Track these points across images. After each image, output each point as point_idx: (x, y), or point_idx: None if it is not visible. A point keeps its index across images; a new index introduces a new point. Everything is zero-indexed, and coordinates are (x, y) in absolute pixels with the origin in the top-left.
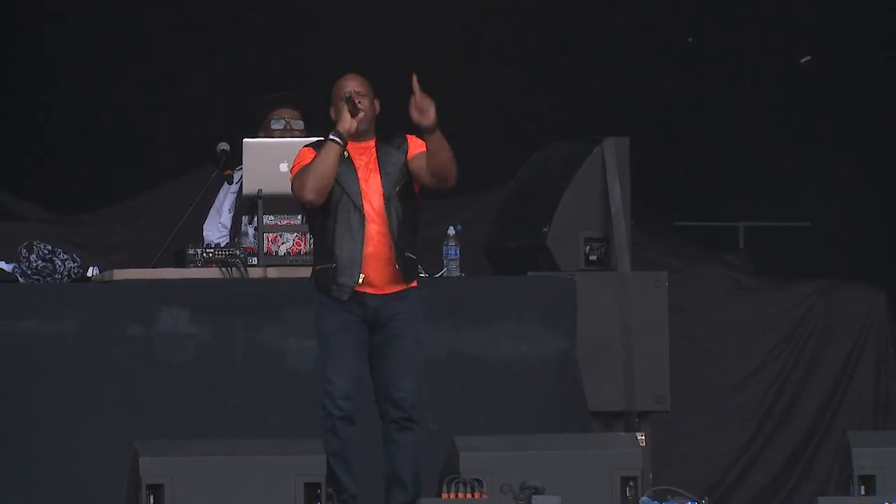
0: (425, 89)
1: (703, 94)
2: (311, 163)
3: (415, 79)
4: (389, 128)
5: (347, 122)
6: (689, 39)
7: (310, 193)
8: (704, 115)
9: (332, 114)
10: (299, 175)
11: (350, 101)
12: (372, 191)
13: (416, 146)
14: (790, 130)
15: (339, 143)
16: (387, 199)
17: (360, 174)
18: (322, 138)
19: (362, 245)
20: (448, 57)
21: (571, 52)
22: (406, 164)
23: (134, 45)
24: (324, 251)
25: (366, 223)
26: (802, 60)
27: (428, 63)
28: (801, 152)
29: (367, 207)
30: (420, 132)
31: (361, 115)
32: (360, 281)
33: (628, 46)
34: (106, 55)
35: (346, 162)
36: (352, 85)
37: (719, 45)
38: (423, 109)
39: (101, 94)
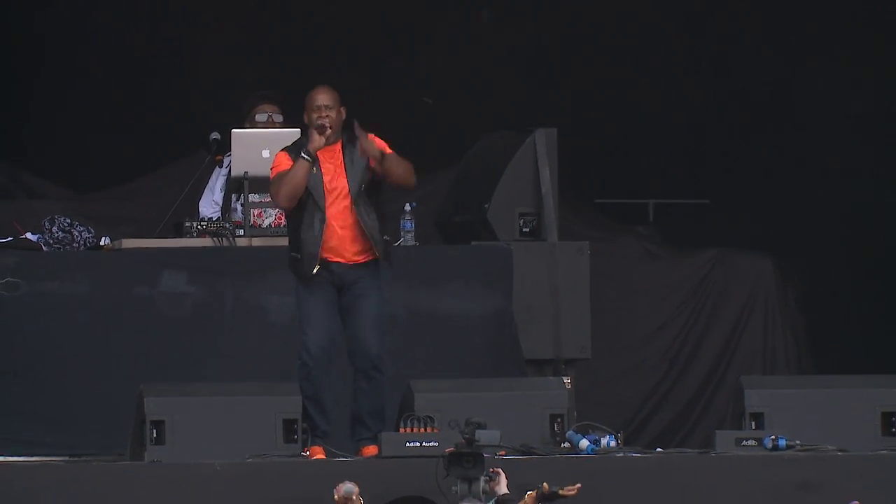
0: (363, 126)
1: (621, 87)
2: (285, 174)
3: (356, 125)
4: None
5: (316, 143)
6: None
7: (283, 202)
8: (621, 108)
9: (306, 118)
10: (275, 182)
11: (321, 127)
12: (338, 190)
13: (378, 153)
14: (694, 119)
15: (308, 161)
16: (354, 196)
17: (325, 178)
18: (297, 129)
19: (321, 241)
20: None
21: (510, 54)
22: (369, 164)
23: (137, 48)
24: (292, 242)
25: (326, 221)
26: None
27: (384, 64)
28: (703, 138)
29: (330, 206)
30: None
31: (329, 132)
32: (315, 272)
33: (552, 48)
34: (114, 55)
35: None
36: (321, 99)
37: (627, 41)
38: (366, 149)
39: (111, 93)
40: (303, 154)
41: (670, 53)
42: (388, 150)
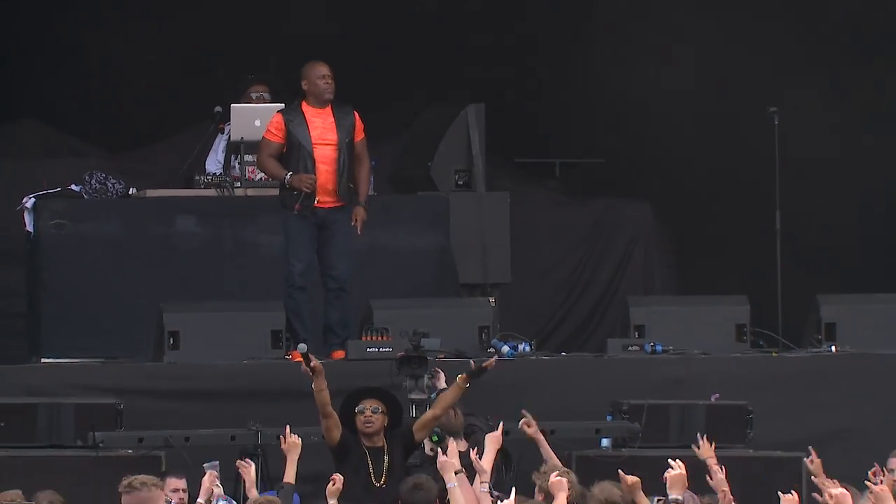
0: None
1: (535, 67)
2: (266, 164)
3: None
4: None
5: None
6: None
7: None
8: (536, 85)
9: (305, 85)
10: (260, 160)
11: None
12: (326, 143)
13: (360, 130)
14: (592, 93)
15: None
16: (339, 149)
17: (314, 134)
18: (282, 104)
19: (314, 182)
20: (368, 48)
21: (451, 39)
22: (353, 132)
23: (155, 38)
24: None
25: (315, 165)
26: None
27: (355, 53)
28: (597, 108)
29: (318, 156)
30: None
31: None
32: (307, 201)
33: (484, 33)
34: (134, 48)
35: (302, 125)
36: (325, 69)
37: (547, 27)
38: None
39: (140, 71)
40: (286, 180)
41: (565, 34)
42: (363, 133)
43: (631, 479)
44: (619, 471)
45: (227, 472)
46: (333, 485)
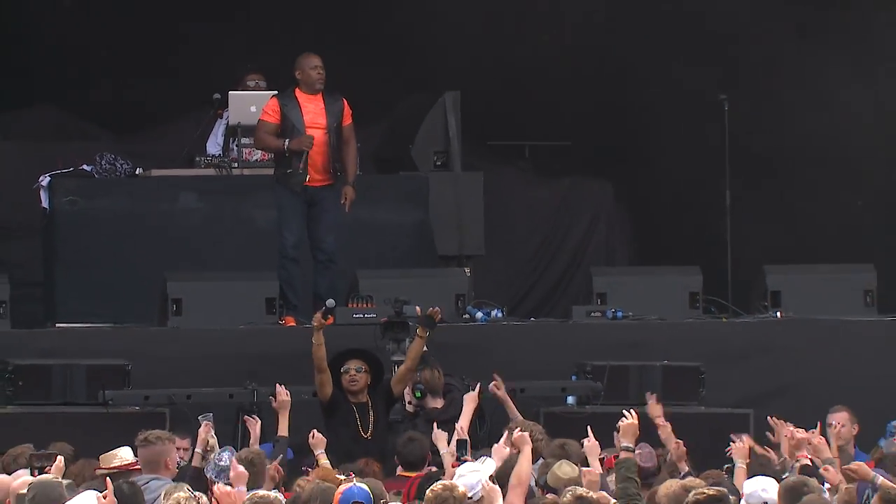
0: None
1: (508, 57)
2: (265, 140)
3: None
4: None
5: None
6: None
7: (258, 147)
8: (512, 74)
9: (299, 74)
10: (258, 138)
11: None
12: (317, 126)
13: (348, 115)
14: (559, 83)
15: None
16: (328, 132)
17: (306, 118)
18: (276, 91)
19: (306, 161)
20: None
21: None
22: (342, 117)
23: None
24: (283, 163)
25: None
26: None
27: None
28: (564, 96)
29: (312, 136)
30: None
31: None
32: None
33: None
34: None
35: (295, 109)
36: (317, 61)
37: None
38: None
39: (145, 61)
40: (285, 147)
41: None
42: (350, 118)
43: (589, 444)
44: (588, 427)
45: (224, 428)
46: (313, 437)
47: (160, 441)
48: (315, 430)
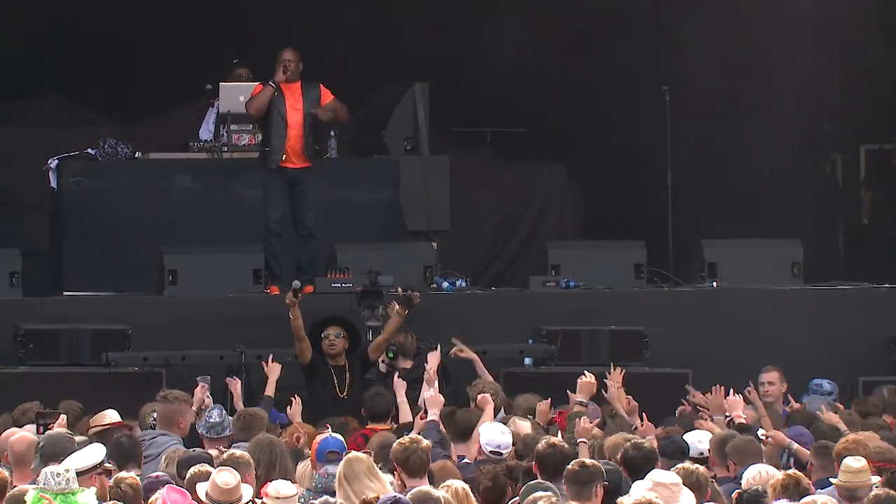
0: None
1: (476, 54)
2: (256, 98)
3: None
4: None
5: (278, 77)
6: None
7: (252, 112)
8: (475, 68)
9: (278, 66)
10: (251, 100)
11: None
12: (296, 111)
13: (325, 96)
14: (518, 75)
15: (272, 88)
16: (305, 116)
17: (288, 103)
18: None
19: (284, 142)
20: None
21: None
22: (318, 102)
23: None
24: (264, 143)
25: (287, 130)
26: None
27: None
28: (524, 89)
29: (290, 121)
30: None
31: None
32: (284, 159)
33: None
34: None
35: (278, 97)
36: (288, 54)
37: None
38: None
39: (146, 53)
40: (270, 83)
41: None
42: (330, 97)
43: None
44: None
45: (217, 387)
46: (292, 407)
47: (177, 401)
48: (295, 397)
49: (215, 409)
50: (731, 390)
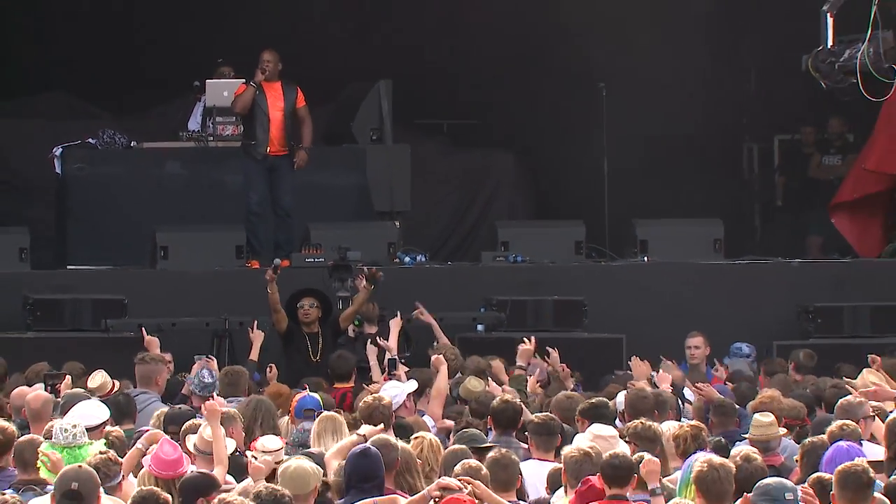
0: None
1: (435, 54)
2: (240, 98)
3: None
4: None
5: (258, 76)
6: None
7: (238, 110)
8: (433, 66)
9: (258, 70)
10: (235, 101)
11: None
12: (277, 108)
13: (301, 99)
14: (472, 72)
15: (254, 87)
16: (284, 113)
17: (269, 101)
18: (243, 80)
19: (268, 135)
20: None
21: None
22: (296, 103)
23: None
24: (248, 136)
25: (269, 124)
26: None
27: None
28: (477, 85)
29: (272, 117)
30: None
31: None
32: (268, 150)
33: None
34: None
35: (260, 93)
36: (267, 55)
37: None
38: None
39: (143, 51)
40: (251, 83)
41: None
42: (303, 103)
43: (496, 363)
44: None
45: (202, 351)
46: (270, 371)
47: (154, 362)
48: (272, 365)
49: (205, 370)
50: (661, 357)
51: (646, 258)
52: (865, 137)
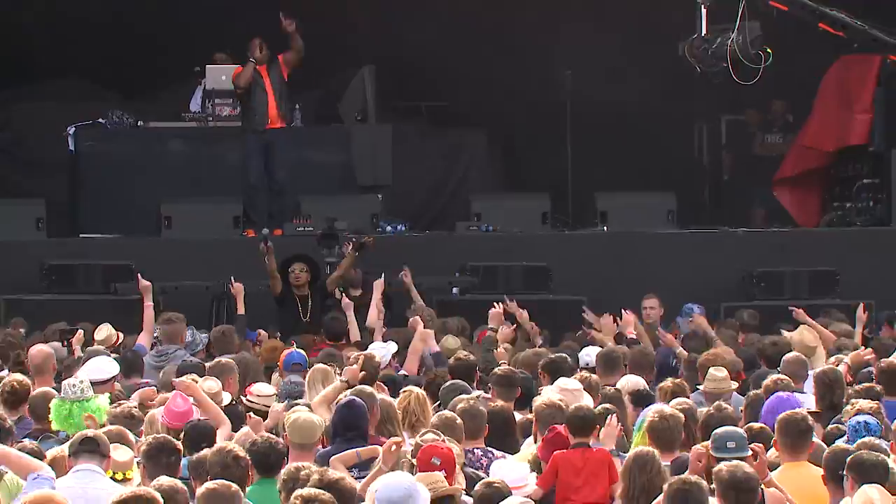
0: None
1: (414, 42)
2: (241, 75)
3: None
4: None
5: (256, 53)
6: None
7: (241, 83)
8: (413, 53)
9: (254, 48)
10: (238, 77)
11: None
12: (269, 87)
13: (282, 64)
14: (449, 58)
15: (253, 63)
16: (274, 88)
17: (264, 78)
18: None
19: (266, 108)
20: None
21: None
22: (280, 70)
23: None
24: (248, 112)
25: (267, 98)
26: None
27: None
28: (453, 69)
29: (268, 91)
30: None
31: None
32: (268, 122)
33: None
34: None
35: (258, 73)
36: (259, 41)
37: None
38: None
39: (147, 42)
40: (250, 59)
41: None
42: (284, 66)
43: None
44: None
45: (203, 312)
46: (259, 336)
47: (178, 321)
48: (261, 331)
49: (188, 329)
50: (623, 310)
51: (605, 227)
52: (804, 118)
